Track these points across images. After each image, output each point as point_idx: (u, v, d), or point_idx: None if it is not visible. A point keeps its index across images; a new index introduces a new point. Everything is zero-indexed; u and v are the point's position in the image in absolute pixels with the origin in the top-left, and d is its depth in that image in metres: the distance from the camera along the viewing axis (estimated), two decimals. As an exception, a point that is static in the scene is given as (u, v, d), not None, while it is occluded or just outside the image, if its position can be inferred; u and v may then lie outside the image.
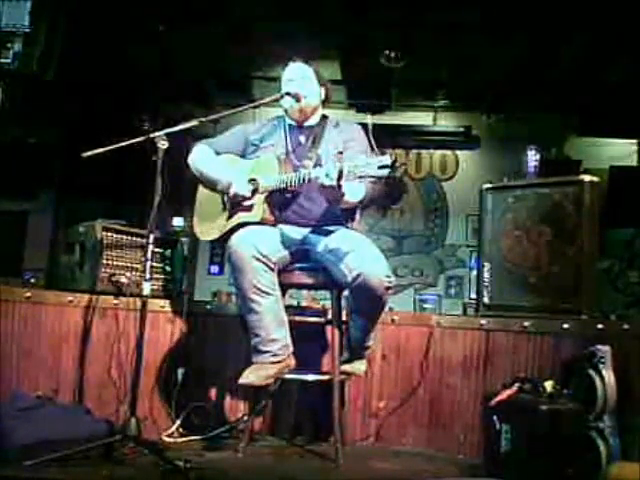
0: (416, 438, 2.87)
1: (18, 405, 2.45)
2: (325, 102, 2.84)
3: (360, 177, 2.22)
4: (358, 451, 2.75)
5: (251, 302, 2.42)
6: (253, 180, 2.61)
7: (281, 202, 2.65)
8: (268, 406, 2.88)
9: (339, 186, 2.27)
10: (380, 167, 2.13)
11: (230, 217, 2.68)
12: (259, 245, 2.40)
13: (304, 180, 2.47)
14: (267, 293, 2.42)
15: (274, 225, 2.63)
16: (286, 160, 2.67)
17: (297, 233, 2.64)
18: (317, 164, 2.61)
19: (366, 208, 2.75)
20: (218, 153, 2.82)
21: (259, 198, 2.60)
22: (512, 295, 2.97)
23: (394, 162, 2.11)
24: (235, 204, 2.66)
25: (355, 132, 2.77)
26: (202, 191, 2.87)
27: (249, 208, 2.61)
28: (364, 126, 2.74)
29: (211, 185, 2.77)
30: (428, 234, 6.94)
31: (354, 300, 2.48)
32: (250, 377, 2.39)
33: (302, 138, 2.76)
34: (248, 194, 2.60)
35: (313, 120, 2.80)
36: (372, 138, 2.21)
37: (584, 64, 5.17)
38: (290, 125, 2.80)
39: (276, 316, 2.45)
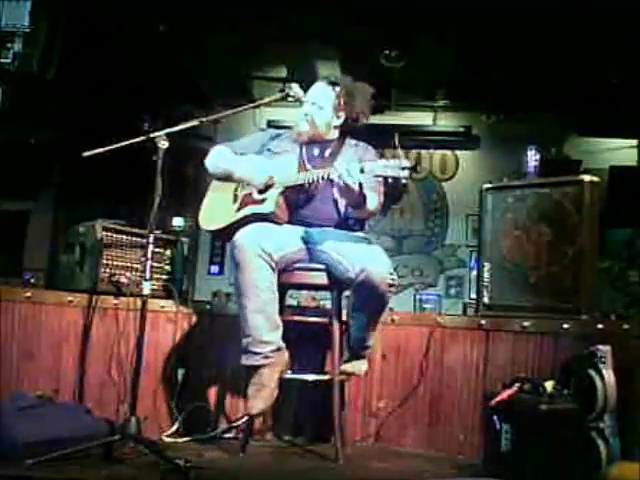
0: (416, 438, 2.87)
1: (19, 404, 2.44)
2: (353, 122, 2.77)
3: (379, 176, 2.25)
4: (358, 451, 2.75)
5: (245, 299, 2.41)
6: (269, 177, 2.64)
7: (295, 202, 2.67)
8: (268, 406, 2.88)
9: (360, 186, 2.29)
10: (402, 168, 2.17)
11: (239, 209, 2.70)
12: (263, 243, 2.41)
13: (324, 178, 2.49)
14: (263, 292, 2.41)
15: (290, 222, 2.65)
16: (302, 167, 2.70)
17: (304, 232, 2.65)
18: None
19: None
20: (235, 154, 2.85)
21: (273, 192, 2.61)
22: (512, 295, 2.97)
23: (416, 165, 2.16)
24: (246, 196, 2.68)
25: (371, 155, 2.78)
26: (214, 184, 2.90)
27: (261, 202, 2.63)
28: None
29: (228, 175, 2.78)
30: (428, 234, 6.94)
31: (356, 297, 2.48)
32: (258, 405, 2.40)
33: (316, 151, 2.78)
34: (261, 186, 2.63)
35: (328, 136, 2.82)
36: (399, 148, 2.28)
37: (584, 64, 5.17)
38: None
39: (269, 317, 2.44)
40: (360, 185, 2.31)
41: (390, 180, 2.23)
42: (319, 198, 2.68)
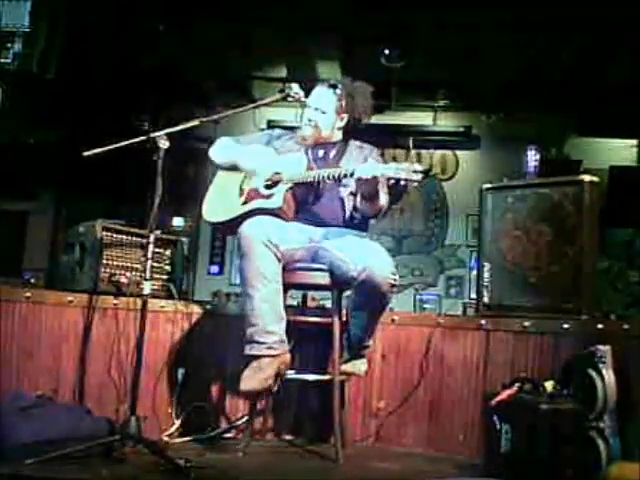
0: (416, 438, 2.87)
1: (18, 404, 2.45)
2: (356, 122, 2.82)
3: (391, 179, 2.28)
4: (358, 451, 2.75)
5: (251, 288, 2.42)
6: (277, 173, 2.66)
7: (302, 199, 2.69)
8: (268, 406, 2.88)
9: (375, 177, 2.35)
10: (414, 172, 2.22)
11: (245, 203, 2.71)
12: (270, 233, 2.43)
13: (334, 177, 2.52)
14: (269, 281, 2.42)
15: (296, 219, 2.67)
16: (309, 167, 2.71)
17: (309, 230, 2.67)
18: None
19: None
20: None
21: (281, 188, 2.63)
22: (512, 295, 2.97)
23: (429, 170, 2.21)
24: (253, 191, 2.70)
25: (375, 155, 2.80)
26: (220, 174, 2.93)
27: (268, 197, 2.65)
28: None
29: (233, 164, 2.84)
30: (428, 234, 6.94)
31: (357, 296, 2.49)
32: (250, 384, 2.39)
33: (321, 152, 2.80)
34: (265, 180, 2.69)
35: (333, 139, 2.83)
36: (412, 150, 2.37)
37: (584, 64, 5.17)
38: None
39: (275, 308, 2.44)
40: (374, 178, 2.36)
41: (402, 182, 2.26)
42: (326, 197, 2.70)
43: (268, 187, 2.69)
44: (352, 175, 2.44)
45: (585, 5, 4.32)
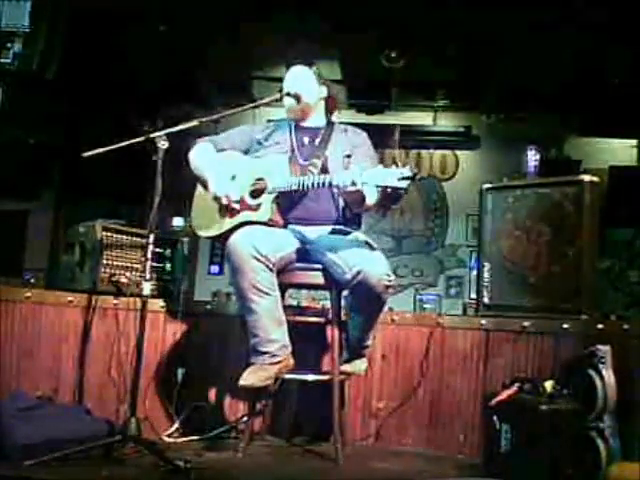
0: (416, 438, 2.87)
1: (18, 405, 2.45)
2: (332, 103, 2.84)
3: (378, 186, 2.23)
4: (358, 451, 2.75)
5: (250, 302, 2.41)
6: (260, 179, 2.62)
7: (288, 202, 2.65)
8: (268, 406, 2.88)
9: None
10: (401, 179, 2.15)
11: (233, 215, 2.66)
12: (258, 245, 2.40)
13: (324, 184, 2.45)
14: (266, 293, 2.41)
15: (285, 226, 2.64)
16: (293, 160, 2.67)
17: (299, 233, 2.64)
18: (324, 165, 2.64)
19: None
20: (222, 150, 2.82)
21: (267, 197, 2.59)
22: (512, 295, 2.97)
23: (415, 174, 2.15)
24: (240, 202, 2.64)
25: (362, 139, 2.79)
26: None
27: (256, 207, 2.61)
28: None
29: (202, 183, 2.78)
30: (428, 234, 6.94)
31: (354, 298, 2.48)
32: (249, 379, 2.39)
33: (306, 139, 2.77)
34: (234, 197, 2.59)
35: (316, 121, 2.81)
36: (397, 141, 2.28)
37: (584, 64, 5.17)
38: (296, 126, 2.81)
39: (274, 316, 2.44)
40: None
41: (389, 190, 2.22)
42: (316, 195, 2.65)
43: (253, 196, 2.62)
44: (337, 187, 2.40)
45: (585, 5, 4.32)
